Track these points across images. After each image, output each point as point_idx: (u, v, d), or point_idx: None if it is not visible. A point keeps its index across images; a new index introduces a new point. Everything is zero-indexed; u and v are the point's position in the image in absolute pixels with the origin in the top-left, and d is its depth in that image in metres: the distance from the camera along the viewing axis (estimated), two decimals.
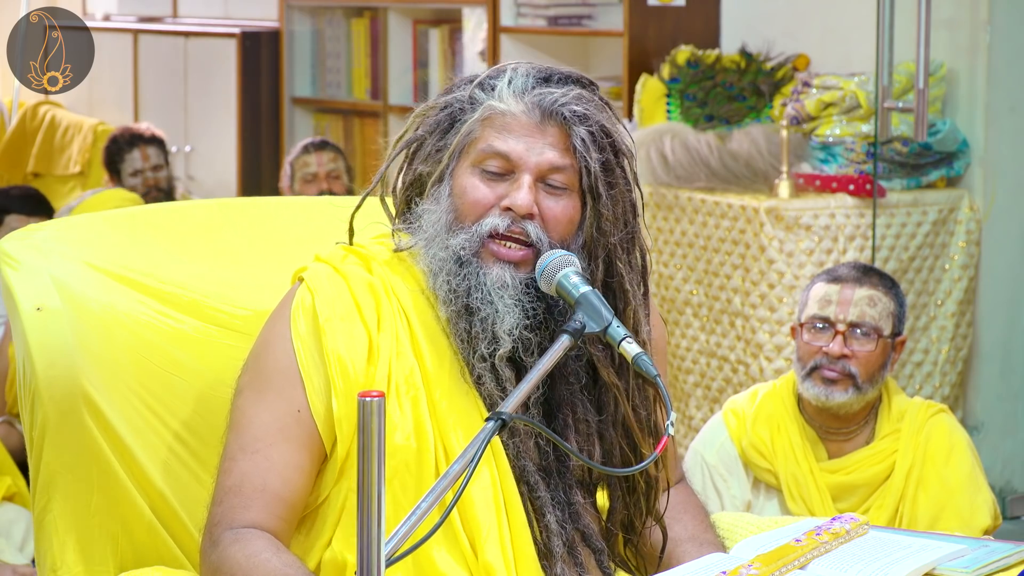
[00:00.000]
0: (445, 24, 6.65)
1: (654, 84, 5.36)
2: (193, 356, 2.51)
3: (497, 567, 2.19)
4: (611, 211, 2.26)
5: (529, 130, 2.25)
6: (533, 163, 2.24)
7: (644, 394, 2.31)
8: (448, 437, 2.24)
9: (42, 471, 2.45)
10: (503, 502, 2.22)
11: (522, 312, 2.22)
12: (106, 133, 7.28)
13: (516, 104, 2.25)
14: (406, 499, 2.22)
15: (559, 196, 2.25)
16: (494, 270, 2.23)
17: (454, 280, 2.24)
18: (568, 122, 2.24)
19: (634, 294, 2.28)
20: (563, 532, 2.26)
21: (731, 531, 2.53)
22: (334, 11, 7.14)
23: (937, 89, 4.99)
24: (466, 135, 2.28)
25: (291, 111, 7.29)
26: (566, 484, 2.28)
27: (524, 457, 2.26)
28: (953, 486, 3.53)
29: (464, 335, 2.25)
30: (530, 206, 2.23)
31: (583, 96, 2.26)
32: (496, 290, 2.22)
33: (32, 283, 2.47)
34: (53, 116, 8.28)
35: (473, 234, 2.24)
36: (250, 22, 7.54)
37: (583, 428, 2.29)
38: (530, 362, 2.23)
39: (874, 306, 3.56)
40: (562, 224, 2.25)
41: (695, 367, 5.09)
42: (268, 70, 7.34)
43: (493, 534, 2.21)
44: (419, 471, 2.23)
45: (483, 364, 2.24)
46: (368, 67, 6.97)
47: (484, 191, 2.26)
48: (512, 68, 2.29)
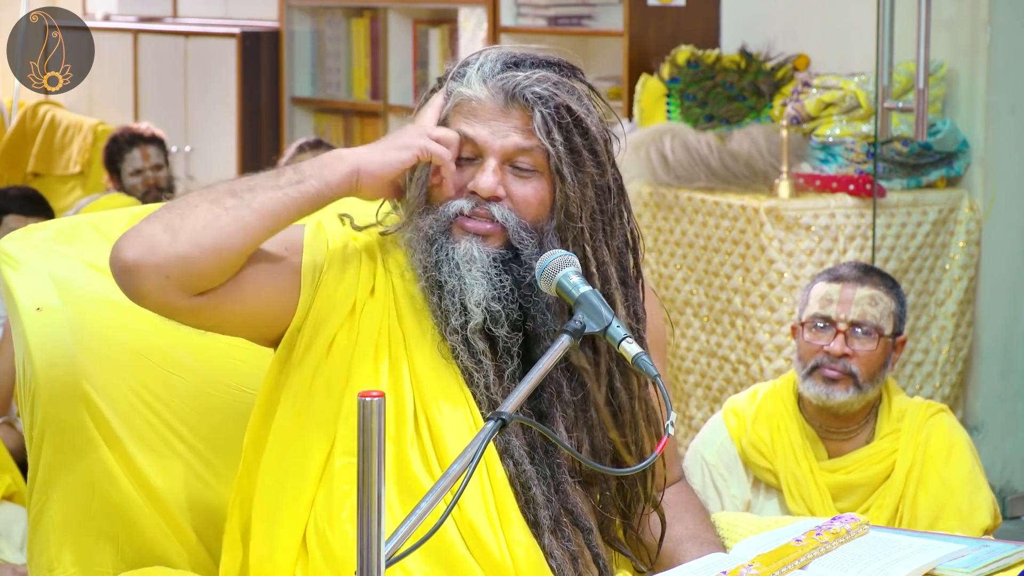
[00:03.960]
0: (445, 24, 6.65)
1: (654, 84, 5.36)
2: (193, 356, 2.52)
3: (482, 527, 2.22)
4: (578, 193, 2.28)
5: (494, 114, 2.28)
6: (498, 146, 2.27)
7: (626, 376, 2.32)
8: (428, 407, 2.27)
9: (41, 471, 2.46)
10: (485, 470, 2.25)
11: (489, 284, 2.25)
12: (106, 133, 7.28)
13: (481, 89, 2.29)
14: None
15: (527, 179, 2.28)
16: (462, 244, 2.27)
17: (424, 257, 2.28)
18: (529, 104, 2.26)
19: (608, 278, 2.30)
20: (549, 505, 2.27)
21: (731, 531, 2.53)
22: (334, 11, 7.14)
23: (937, 89, 4.99)
24: (440, 123, 2.32)
25: (291, 111, 7.30)
26: (553, 463, 2.30)
27: (508, 433, 2.27)
28: (953, 485, 3.53)
29: (436, 309, 2.29)
30: (493, 188, 2.26)
31: (547, 78, 2.28)
32: (464, 263, 2.26)
33: (32, 283, 2.47)
34: (53, 116, 8.28)
35: (440, 214, 2.28)
36: (250, 22, 7.54)
37: (570, 412, 2.30)
38: (500, 334, 2.26)
39: (875, 305, 3.56)
40: (533, 206, 2.28)
41: (695, 367, 5.09)
42: (268, 70, 7.35)
43: (476, 497, 2.23)
44: (398, 442, 2.25)
45: (455, 336, 2.28)
46: (368, 67, 6.97)
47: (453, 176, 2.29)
48: (485, 54, 2.33)
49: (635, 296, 2.35)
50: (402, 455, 2.25)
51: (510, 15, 6.07)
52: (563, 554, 2.25)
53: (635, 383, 2.34)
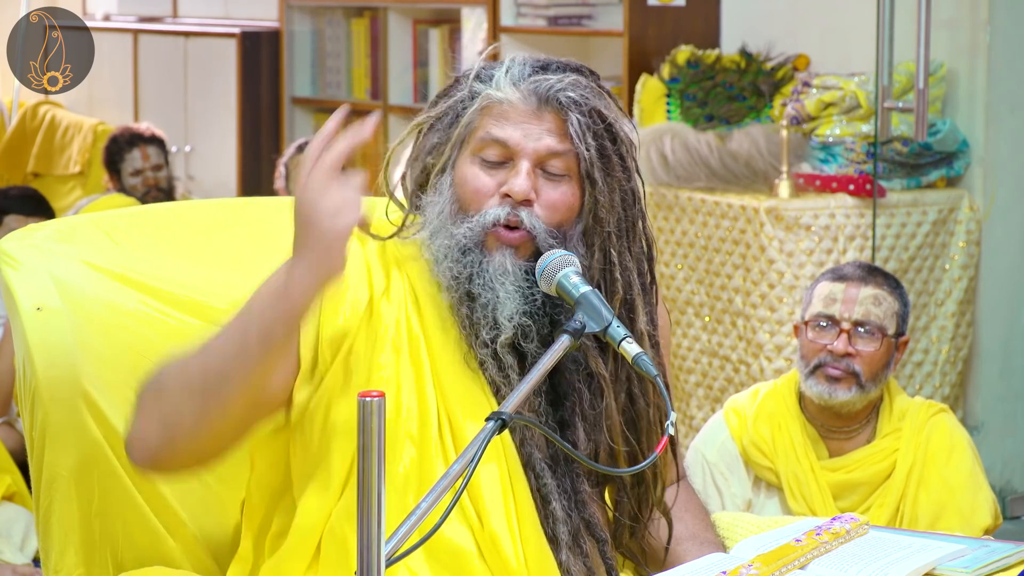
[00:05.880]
0: (445, 24, 6.65)
1: (654, 84, 5.36)
2: None
3: (502, 537, 2.20)
4: (607, 198, 2.26)
5: (526, 117, 2.25)
6: (531, 149, 2.25)
7: (643, 384, 2.32)
8: (453, 412, 2.25)
9: (44, 472, 2.45)
10: (510, 480, 2.23)
11: (522, 298, 2.23)
12: (106, 133, 7.28)
13: (513, 92, 2.26)
14: (412, 470, 2.22)
15: (558, 182, 2.26)
16: (495, 257, 2.24)
17: (456, 267, 2.25)
18: (564, 107, 2.24)
19: (630, 283, 2.29)
20: (569, 520, 2.26)
21: (731, 531, 2.53)
22: (334, 11, 7.14)
23: (937, 89, 4.99)
24: (466, 125, 2.29)
25: (291, 111, 7.29)
26: (573, 473, 2.29)
27: (530, 444, 2.26)
28: (954, 485, 3.53)
29: (466, 321, 2.26)
30: (528, 192, 2.24)
31: (580, 82, 2.26)
32: (497, 277, 2.23)
33: (32, 283, 2.47)
34: (53, 116, 8.28)
35: (476, 223, 2.25)
36: (250, 22, 7.54)
37: (591, 418, 2.29)
38: (529, 349, 2.24)
39: (879, 305, 3.57)
40: (560, 211, 2.26)
41: (696, 367, 5.09)
42: (268, 70, 7.34)
43: (498, 507, 2.21)
44: (421, 445, 2.23)
45: (485, 350, 2.25)
46: (368, 67, 6.97)
47: (484, 179, 2.26)
48: (510, 58, 2.31)
49: (652, 302, 2.35)
50: (425, 457, 2.23)
51: (510, 15, 6.07)
52: (580, 570, 2.25)
53: (652, 392, 2.33)
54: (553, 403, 2.29)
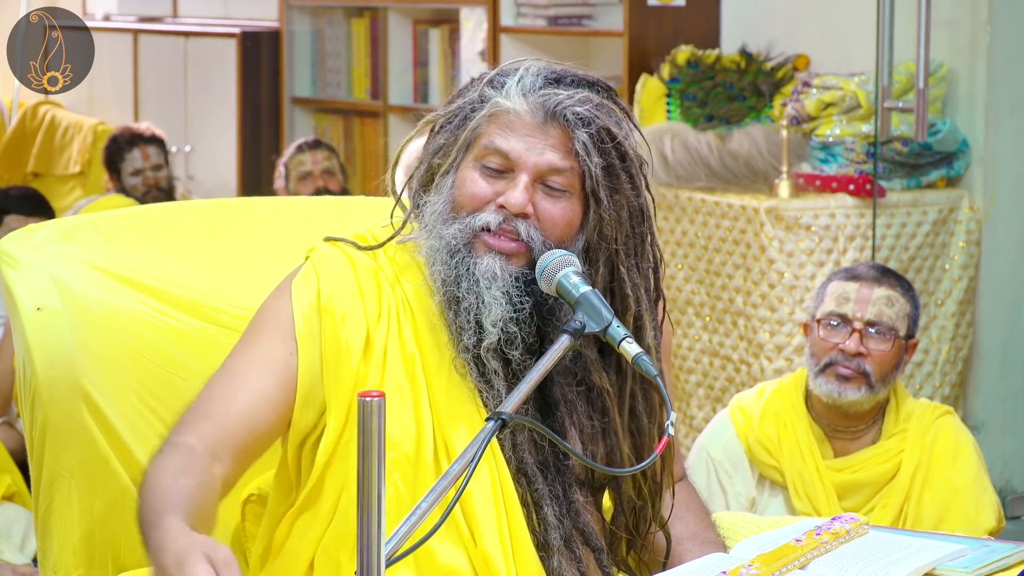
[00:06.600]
0: (445, 24, 6.65)
1: (654, 84, 5.36)
2: (193, 356, 2.51)
3: (495, 556, 2.20)
4: (614, 216, 2.24)
5: (531, 130, 2.24)
6: (532, 163, 2.23)
7: (648, 400, 2.31)
8: (447, 431, 2.24)
9: (44, 472, 2.46)
10: (501, 493, 2.23)
11: (509, 304, 2.22)
12: (106, 133, 7.27)
13: (521, 103, 2.24)
14: (406, 491, 2.21)
15: (557, 198, 2.24)
16: (484, 260, 2.23)
17: (444, 269, 2.24)
18: (571, 124, 2.22)
19: (638, 299, 2.27)
20: (561, 526, 2.25)
21: (731, 530, 2.53)
22: (334, 11, 7.14)
23: (937, 89, 4.99)
24: (472, 130, 2.28)
25: (291, 111, 7.29)
26: (565, 481, 2.28)
27: (522, 449, 2.26)
28: (959, 487, 3.53)
29: (452, 324, 2.25)
30: (523, 206, 2.22)
31: (590, 99, 2.24)
32: (484, 280, 2.22)
33: (32, 283, 2.47)
34: (53, 116, 8.28)
35: (466, 226, 2.24)
36: (250, 22, 7.54)
37: (587, 429, 2.28)
38: (514, 356, 2.23)
39: (892, 306, 3.57)
40: (558, 227, 2.24)
41: (697, 367, 5.09)
42: (268, 70, 7.34)
43: (491, 525, 2.21)
44: (416, 465, 2.23)
45: (466, 354, 2.24)
46: (368, 67, 6.97)
47: (482, 186, 2.26)
48: (525, 66, 2.28)
49: (658, 317, 2.34)
50: (421, 475, 2.22)
51: (510, 15, 6.07)
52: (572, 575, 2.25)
53: (657, 408, 2.32)
54: (542, 410, 2.27)
